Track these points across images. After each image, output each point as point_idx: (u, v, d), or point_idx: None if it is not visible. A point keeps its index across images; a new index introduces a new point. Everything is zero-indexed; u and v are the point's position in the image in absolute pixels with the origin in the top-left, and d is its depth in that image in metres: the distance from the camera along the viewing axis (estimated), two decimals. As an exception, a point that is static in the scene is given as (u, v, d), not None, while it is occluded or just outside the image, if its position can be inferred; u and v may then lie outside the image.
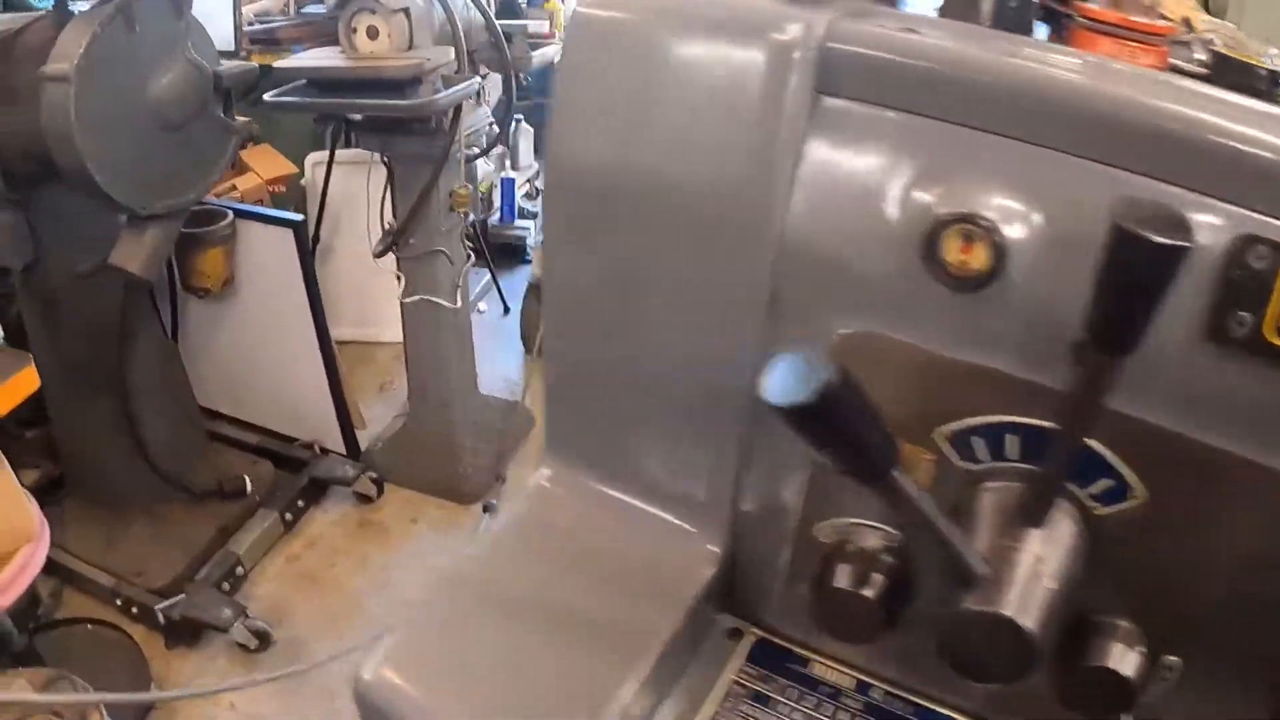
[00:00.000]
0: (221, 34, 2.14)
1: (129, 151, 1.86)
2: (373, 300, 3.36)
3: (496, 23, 2.38)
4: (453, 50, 2.19)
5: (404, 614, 0.93)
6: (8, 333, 2.37)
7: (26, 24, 1.97)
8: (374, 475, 2.75)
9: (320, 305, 2.57)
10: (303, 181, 3.47)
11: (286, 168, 3.40)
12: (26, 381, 1.65)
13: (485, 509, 2.67)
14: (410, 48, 2.18)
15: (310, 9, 3.32)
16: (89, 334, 2.30)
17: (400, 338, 3.29)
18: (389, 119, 2.31)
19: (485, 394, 3.07)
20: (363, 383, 3.32)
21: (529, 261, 4.08)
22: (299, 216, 2.43)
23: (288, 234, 2.44)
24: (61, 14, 1.93)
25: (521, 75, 2.69)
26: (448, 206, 2.50)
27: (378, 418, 3.08)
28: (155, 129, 1.91)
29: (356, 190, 3.39)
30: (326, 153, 3.24)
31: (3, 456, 1.70)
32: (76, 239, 2.15)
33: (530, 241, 4.05)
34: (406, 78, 2.08)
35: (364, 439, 2.93)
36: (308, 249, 2.46)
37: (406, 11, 2.14)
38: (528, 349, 3.48)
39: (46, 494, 2.46)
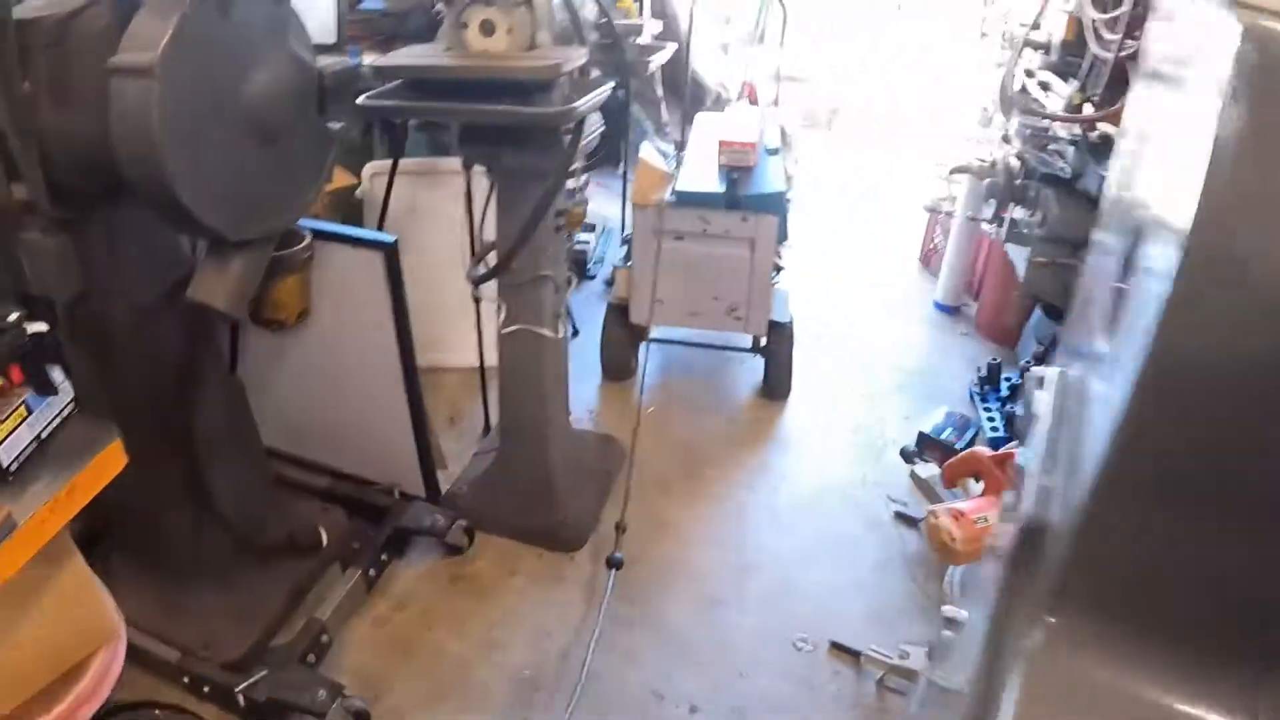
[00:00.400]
0: (318, 23, 1.71)
1: (220, 164, 1.45)
2: (440, 322, 2.94)
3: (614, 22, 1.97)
4: (584, 50, 1.78)
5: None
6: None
7: (80, 6, 1.54)
8: (465, 523, 2.33)
9: (409, 337, 2.16)
10: (359, 193, 3.04)
11: (343, 179, 2.97)
12: (112, 461, 1.23)
13: (610, 564, 2.25)
14: (532, 46, 1.77)
15: (367, 4, 2.89)
16: (147, 374, 1.89)
17: (470, 363, 2.91)
18: (497, 127, 1.91)
19: (574, 426, 2.67)
20: (430, 414, 2.89)
21: (592, 277, 3.69)
22: (390, 238, 2.02)
23: (375, 258, 2.03)
24: None
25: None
26: (554, 227, 2.10)
27: (452, 454, 2.68)
28: (249, 137, 1.49)
29: (421, 203, 2.99)
30: (384, 162, 2.83)
31: (74, 546, 1.27)
32: (134, 264, 1.74)
33: (592, 255, 3.65)
34: (541, 81, 1.67)
35: (443, 480, 2.52)
36: (399, 275, 2.05)
37: (529, 4, 1.74)
38: (610, 376, 3.07)
39: (87, 550, 2.02)
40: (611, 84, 1.86)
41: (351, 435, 2.44)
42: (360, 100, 1.79)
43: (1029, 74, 3.28)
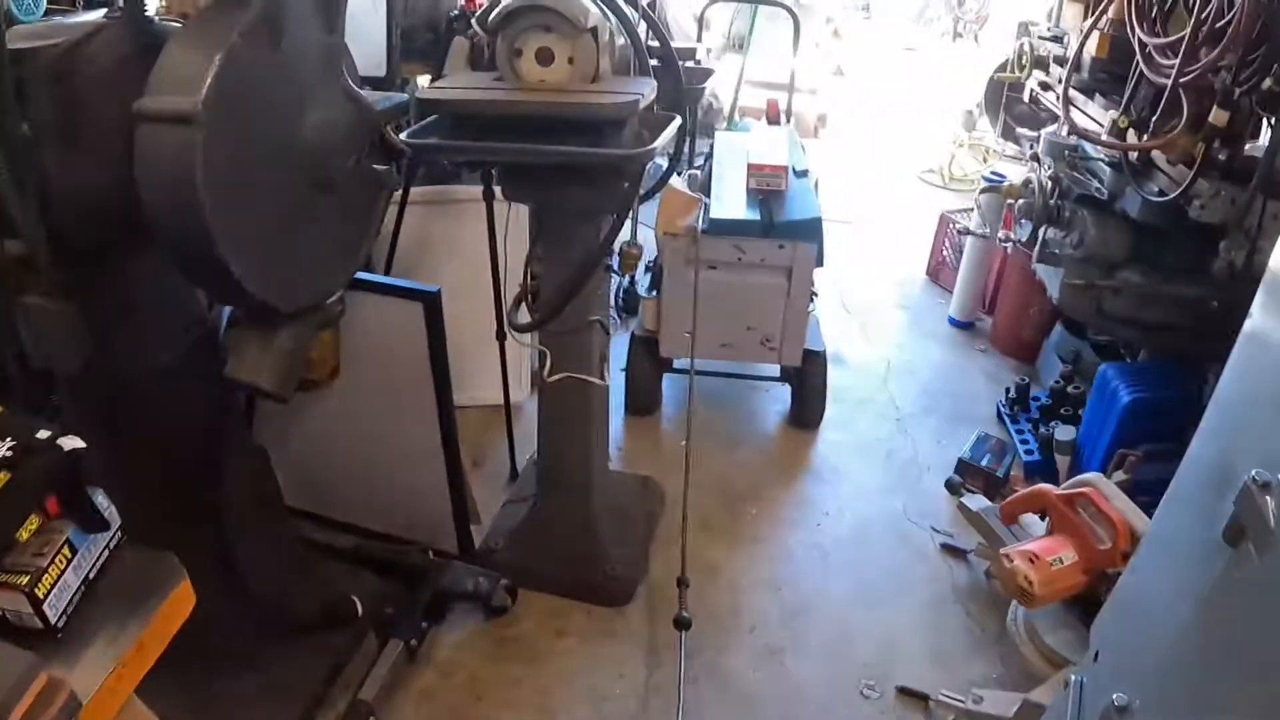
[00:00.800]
0: (367, 54, 1.47)
1: (271, 223, 1.22)
2: (458, 358, 2.68)
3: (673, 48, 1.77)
4: (653, 81, 1.58)
5: None
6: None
7: (88, 32, 1.28)
8: (507, 582, 2.11)
9: (448, 390, 1.93)
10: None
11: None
12: (181, 604, 0.99)
13: (678, 625, 2.02)
14: (595, 78, 1.56)
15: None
16: (163, 445, 1.63)
17: (490, 400, 2.68)
18: (554, 166, 1.69)
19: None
20: (453, 457, 2.66)
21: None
22: (433, 288, 1.78)
23: (415, 309, 1.79)
24: (139, 20, 1.26)
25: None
26: (605, 268, 1.89)
27: (479, 501, 2.44)
28: (302, 188, 1.25)
29: (434, 234, 2.74)
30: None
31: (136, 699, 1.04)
32: (149, 325, 1.49)
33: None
34: (618, 118, 1.46)
35: (475, 532, 2.28)
36: (441, 327, 1.81)
37: (594, 32, 1.53)
38: (635, 410, 2.87)
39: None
40: (677, 118, 1.65)
41: (380, 491, 2.19)
42: (404, 137, 1.55)
43: (1045, 87, 3.19)
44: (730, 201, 2.58)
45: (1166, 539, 1.25)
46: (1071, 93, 2.86)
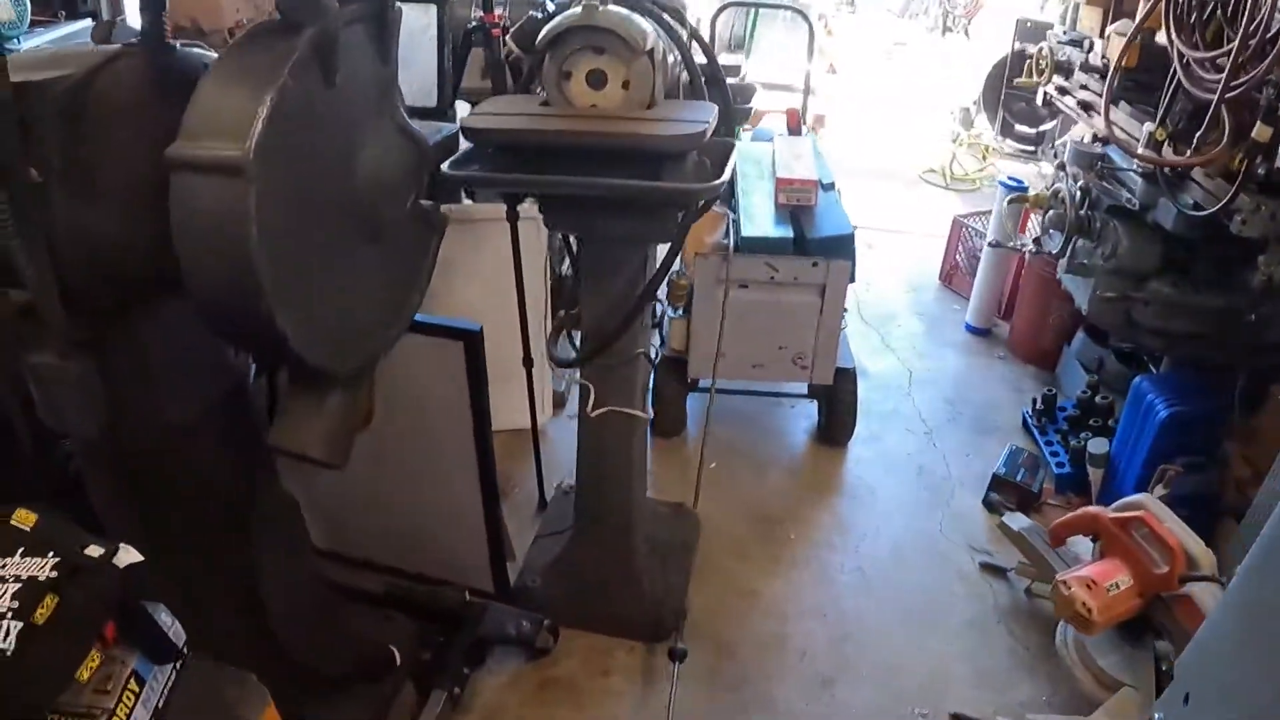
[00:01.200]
0: (417, 83, 1.32)
1: (324, 277, 1.07)
2: (480, 384, 2.56)
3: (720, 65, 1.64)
4: (714, 107, 1.45)
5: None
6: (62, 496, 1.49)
7: (101, 62, 1.12)
8: (549, 622, 1.99)
9: (488, 430, 1.79)
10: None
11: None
12: None
13: (673, 656, 1.94)
14: (652, 103, 1.43)
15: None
16: (187, 504, 1.47)
17: (514, 425, 2.54)
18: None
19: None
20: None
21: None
22: (474, 326, 1.64)
23: (455, 348, 1.65)
24: (159, 47, 1.11)
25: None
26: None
27: (509, 532, 2.30)
28: (355, 236, 1.11)
29: (452, 255, 2.57)
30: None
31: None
32: (172, 382, 1.33)
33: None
34: (685, 150, 1.34)
35: (511, 570, 2.15)
36: (481, 366, 1.67)
37: (651, 54, 1.39)
38: (661, 432, 2.74)
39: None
40: (734, 143, 1.52)
41: (412, 531, 2.06)
42: (446, 169, 1.41)
43: (1062, 91, 3.10)
44: (759, 218, 2.45)
45: (1255, 591, 1.16)
46: (1090, 98, 2.77)
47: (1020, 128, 5.45)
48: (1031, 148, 5.41)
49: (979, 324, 3.43)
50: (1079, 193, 2.54)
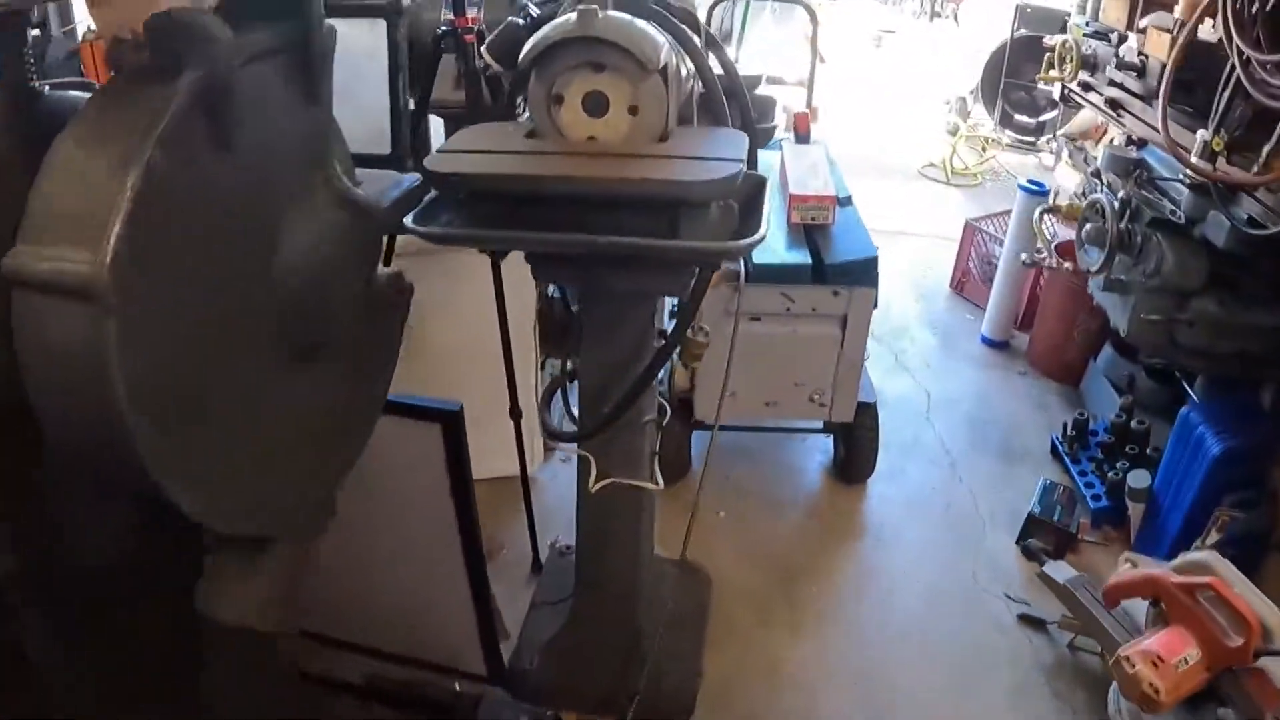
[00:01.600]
0: (364, 125, 1.01)
1: (238, 419, 0.76)
2: (464, 429, 2.25)
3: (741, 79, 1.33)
4: (743, 137, 1.15)
5: None
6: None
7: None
8: (553, 714, 1.71)
9: (471, 509, 1.52)
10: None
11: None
12: None
13: None
14: (665, 135, 1.13)
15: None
16: (134, 642, 1.18)
17: (498, 473, 2.24)
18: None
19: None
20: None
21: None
22: (454, 405, 1.34)
23: (432, 431, 1.35)
24: (20, 90, 0.81)
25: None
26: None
27: (499, 599, 2.01)
28: (278, 357, 0.80)
29: (431, 294, 2.24)
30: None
31: None
32: (88, 520, 1.02)
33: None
34: (712, 199, 1.04)
35: (504, 647, 1.87)
36: (462, 448, 1.38)
37: (664, 71, 1.09)
38: (665, 478, 2.43)
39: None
40: (764, 178, 1.22)
41: (394, 610, 1.77)
42: (410, 223, 1.10)
43: (1086, 87, 2.81)
44: (771, 241, 2.15)
45: None
46: (1120, 95, 2.49)
47: (1020, 118, 5.16)
48: (1031, 139, 5.13)
49: (996, 336, 3.15)
50: (1119, 204, 2.27)
